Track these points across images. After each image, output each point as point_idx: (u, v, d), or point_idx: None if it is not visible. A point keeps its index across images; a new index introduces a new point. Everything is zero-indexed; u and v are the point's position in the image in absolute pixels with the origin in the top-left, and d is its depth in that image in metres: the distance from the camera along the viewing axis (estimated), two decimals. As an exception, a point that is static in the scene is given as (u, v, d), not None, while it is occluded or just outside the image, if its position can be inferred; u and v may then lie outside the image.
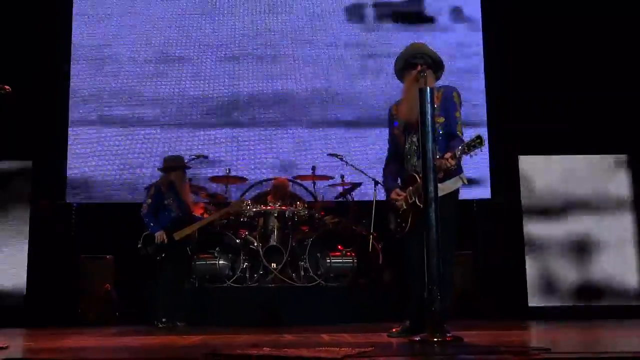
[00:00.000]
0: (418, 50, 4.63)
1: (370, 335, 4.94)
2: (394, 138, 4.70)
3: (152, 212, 6.70)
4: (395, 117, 4.69)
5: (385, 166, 4.77)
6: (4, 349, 4.15)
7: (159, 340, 4.80)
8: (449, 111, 4.57)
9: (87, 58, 9.08)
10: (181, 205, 6.82)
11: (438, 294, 4.03)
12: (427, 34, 8.94)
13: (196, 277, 7.11)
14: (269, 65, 9.10)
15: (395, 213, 4.65)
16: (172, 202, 6.78)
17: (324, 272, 7.14)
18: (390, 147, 4.76)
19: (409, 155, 4.59)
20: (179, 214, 6.75)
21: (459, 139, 4.51)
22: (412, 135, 4.54)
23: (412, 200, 4.49)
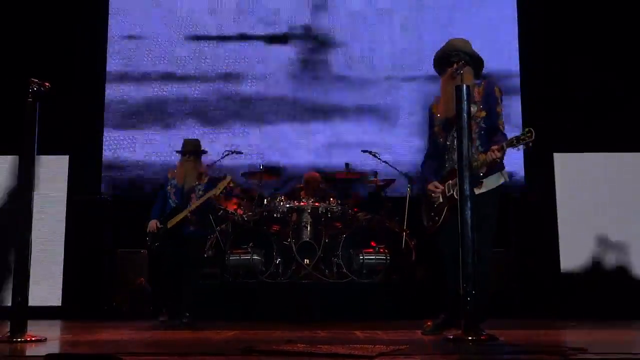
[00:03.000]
0: (454, 47, 4.62)
1: (403, 332, 4.93)
2: (434, 136, 4.71)
3: (160, 200, 6.61)
4: (435, 115, 4.70)
5: (424, 161, 4.80)
6: (41, 341, 4.23)
7: (193, 335, 4.85)
8: (491, 106, 4.58)
9: (123, 53, 9.17)
10: (178, 193, 6.55)
11: (473, 292, 4.02)
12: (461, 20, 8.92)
13: (230, 272, 7.14)
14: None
15: (430, 206, 4.66)
16: (171, 189, 6.60)
17: (356, 269, 7.13)
18: (430, 146, 4.77)
19: (450, 150, 4.58)
20: (177, 202, 6.51)
21: (501, 134, 4.53)
22: (453, 131, 4.51)
23: (450, 193, 4.50)
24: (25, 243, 4.41)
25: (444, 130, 4.62)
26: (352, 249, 7.20)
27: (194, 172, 6.56)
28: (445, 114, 4.55)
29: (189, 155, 6.62)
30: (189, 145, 6.68)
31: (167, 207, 6.54)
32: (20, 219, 4.43)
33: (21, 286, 4.35)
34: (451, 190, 4.49)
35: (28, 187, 4.48)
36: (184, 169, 6.59)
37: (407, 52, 9.06)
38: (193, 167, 6.57)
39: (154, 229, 6.43)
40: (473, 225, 4.10)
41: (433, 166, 4.70)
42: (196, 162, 6.61)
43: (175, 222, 6.37)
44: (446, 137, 4.61)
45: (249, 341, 4.03)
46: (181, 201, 6.47)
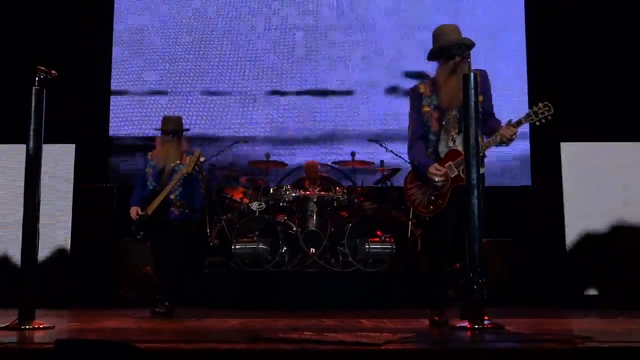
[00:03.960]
0: (457, 41, 4.48)
1: (409, 321, 4.95)
2: (423, 115, 4.54)
3: (139, 185, 6.09)
4: (425, 96, 4.54)
5: (412, 144, 4.59)
6: (50, 329, 4.24)
7: (200, 323, 4.86)
8: (486, 91, 4.56)
9: (129, 43, 9.16)
10: (156, 175, 5.99)
11: (480, 280, 4.03)
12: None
13: (236, 260, 7.15)
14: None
15: (428, 189, 4.51)
16: (149, 172, 6.05)
17: (362, 258, 7.14)
18: (416, 127, 4.57)
19: (446, 131, 4.49)
20: (154, 185, 5.97)
21: (495, 119, 4.55)
22: (449, 111, 4.46)
23: (454, 174, 4.41)
24: (32, 232, 4.41)
25: (436, 110, 4.50)
26: (358, 238, 7.20)
27: (176, 152, 5.99)
28: (450, 106, 4.47)
29: (171, 135, 6.04)
30: (170, 124, 6.09)
31: (146, 191, 6.02)
32: (28, 208, 4.44)
33: (29, 274, 4.36)
34: (455, 171, 4.41)
35: (35, 175, 4.49)
36: (165, 149, 6.03)
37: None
38: (175, 147, 6.01)
39: (135, 217, 5.93)
40: (481, 214, 4.10)
41: (423, 148, 4.53)
42: (179, 142, 6.05)
43: (155, 207, 5.82)
44: (439, 120, 4.50)
45: (256, 329, 4.04)
46: (159, 184, 5.95)
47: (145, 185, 6.05)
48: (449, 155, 4.46)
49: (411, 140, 4.60)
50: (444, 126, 4.50)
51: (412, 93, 4.65)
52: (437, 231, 4.62)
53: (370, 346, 3.05)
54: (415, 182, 4.61)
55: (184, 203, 5.90)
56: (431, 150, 4.54)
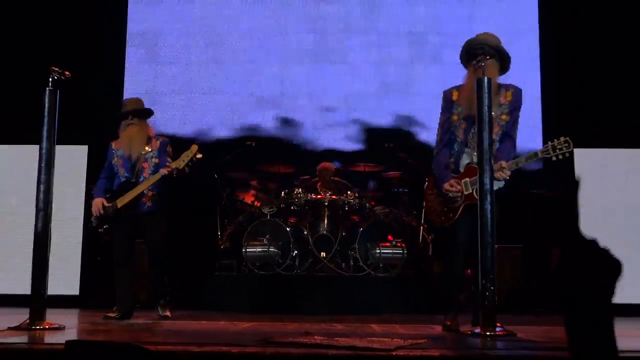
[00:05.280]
0: (479, 40, 4.51)
1: (420, 326, 4.92)
2: (452, 124, 4.55)
3: (105, 175, 5.68)
4: (456, 103, 4.55)
5: (437, 152, 4.60)
6: (60, 329, 4.25)
7: (210, 326, 4.85)
8: (514, 110, 4.52)
9: (142, 45, 9.18)
10: (127, 164, 5.56)
11: (491, 287, 4.00)
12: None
13: (246, 264, 7.14)
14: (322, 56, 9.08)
15: (443, 201, 4.53)
16: (118, 162, 5.61)
17: (373, 262, 7.11)
18: (444, 133, 4.58)
19: (469, 144, 4.49)
20: (127, 176, 5.54)
21: (510, 143, 4.50)
22: (475, 126, 4.41)
23: (469, 191, 4.42)
24: (44, 232, 4.42)
25: (464, 120, 4.50)
26: (369, 243, 7.17)
27: (140, 136, 5.59)
28: (469, 110, 4.44)
29: (131, 116, 5.61)
30: (130, 104, 5.72)
31: (116, 182, 5.62)
32: (40, 209, 4.45)
33: (40, 275, 4.37)
34: (470, 189, 4.41)
35: (48, 176, 4.50)
36: (127, 134, 5.60)
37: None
38: (138, 130, 5.60)
39: (100, 209, 5.49)
40: (493, 220, 4.08)
41: (446, 158, 4.54)
42: (141, 125, 5.64)
43: (127, 200, 5.45)
44: (466, 131, 4.50)
45: (266, 333, 4.03)
46: (132, 174, 5.54)
47: (111, 176, 5.66)
48: (467, 171, 4.46)
49: (436, 147, 4.63)
50: (469, 138, 4.49)
51: (444, 97, 4.63)
52: (450, 238, 4.62)
53: (382, 351, 3.03)
54: (434, 190, 4.64)
55: (156, 193, 5.55)
56: (452, 160, 4.55)
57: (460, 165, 4.53)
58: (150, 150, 5.57)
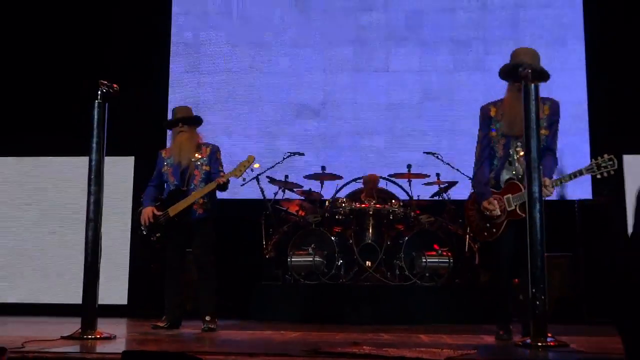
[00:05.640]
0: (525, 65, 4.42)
1: (468, 336, 4.87)
2: (491, 140, 4.57)
3: (154, 184, 5.68)
4: (494, 119, 4.56)
5: (477, 169, 4.62)
6: (110, 339, 4.30)
7: (258, 336, 4.86)
8: (553, 124, 4.54)
9: (185, 55, 9.27)
10: (177, 172, 5.55)
11: (542, 297, 3.94)
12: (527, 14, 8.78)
13: (291, 273, 7.16)
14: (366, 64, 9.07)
15: (484, 217, 4.53)
16: (167, 170, 5.60)
17: (419, 271, 7.07)
18: (483, 149, 4.60)
19: (509, 160, 4.51)
20: (177, 184, 5.53)
21: (551, 157, 4.52)
22: (515, 141, 4.46)
23: (511, 207, 4.43)
24: (94, 242, 4.48)
25: (503, 137, 4.52)
26: (414, 252, 7.14)
27: (190, 143, 5.59)
28: (510, 130, 4.46)
29: (180, 124, 5.64)
30: (179, 112, 5.73)
31: (166, 189, 5.64)
32: (90, 219, 4.51)
33: (91, 284, 4.43)
34: (512, 205, 4.41)
35: (98, 187, 4.56)
36: (177, 142, 5.61)
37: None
38: (188, 138, 5.61)
39: (150, 218, 5.49)
40: (543, 229, 4.02)
41: (486, 175, 4.56)
42: (191, 132, 5.65)
43: (179, 210, 5.44)
44: (505, 146, 4.51)
45: (313, 343, 4.02)
46: (182, 181, 5.51)
47: (160, 184, 5.67)
48: (509, 187, 4.48)
49: (476, 163, 4.64)
50: (509, 154, 4.50)
51: (482, 113, 4.65)
52: (494, 252, 4.64)
53: (433, 362, 3.01)
54: (475, 206, 4.64)
55: (207, 201, 5.54)
56: (493, 175, 4.56)
57: (501, 181, 4.54)
58: (201, 157, 5.57)
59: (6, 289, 7.89)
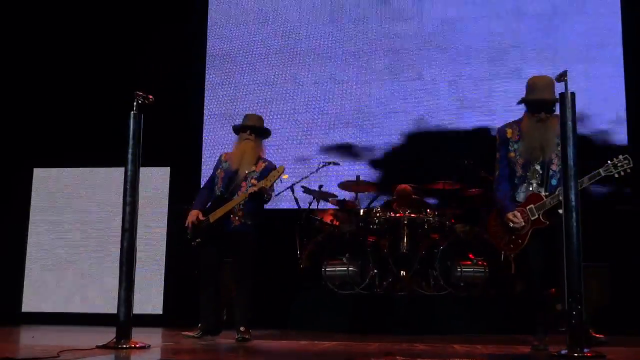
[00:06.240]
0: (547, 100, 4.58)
1: (502, 347, 4.83)
2: (509, 160, 4.71)
3: (208, 186, 5.64)
4: (511, 141, 4.71)
5: (498, 185, 4.75)
6: (145, 348, 4.33)
7: (291, 345, 4.86)
8: None
9: (221, 66, 9.34)
10: (226, 178, 5.50)
11: (579, 307, 3.89)
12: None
13: (326, 283, 7.15)
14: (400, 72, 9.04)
15: (509, 229, 4.61)
16: (220, 174, 5.57)
17: (454, 281, 7.01)
18: (502, 169, 4.75)
19: (529, 180, 4.64)
20: (221, 191, 5.48)
21: None
22: (534, 164, 4.62)
23: (535, 217, 4.52)
24: (130, 252, 4.52)
25: (522, 157, 4.65)
26: (449, 261, 7.08)
27: (252, 154, 5.52)
28: (531, 157, 4.61)
29: (249, 131, 5.58)
30: (250, 120, 5.67)
31: (213, 195, 5.56)
32: (126, 229, 4.56)
33: (126, 294, 4.46)
34: (536, 214, 4.52)
35: (133, 197, 4.61)
36: (241, 149, 5.55)
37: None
38: (252, 147, 5.54)
39: (194, 222, 5.44)
40: (579, 238, 3.97)
41: (508, 191, 4.68)
42: (257, 143, 5.58)
43: (219, 216, 5.38)
44: (524, 167, 4.65)
45: (347, 353, 4.01)
46: (227, 190, 5.47)
47: (213, 188, 5.59)
48: (530, 198, 4.59)
49: (497, 181, 4.78)
50: (528, 176, 4.64)
51: (499, 135, 4.82)
52: (524, 263, 4.72)
53: (466, 373, 2.97)
54: (497, 220, 4.74)
55: (245, 214, 5.45)
56: (512, 193, 4.68)
57: (518, 200, 4.65)
58: (254, 170, 5.48)
59: (42, 298, 8.01)
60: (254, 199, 5.40)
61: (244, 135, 5.60)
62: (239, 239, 5.44)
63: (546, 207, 4.46)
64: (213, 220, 5.39)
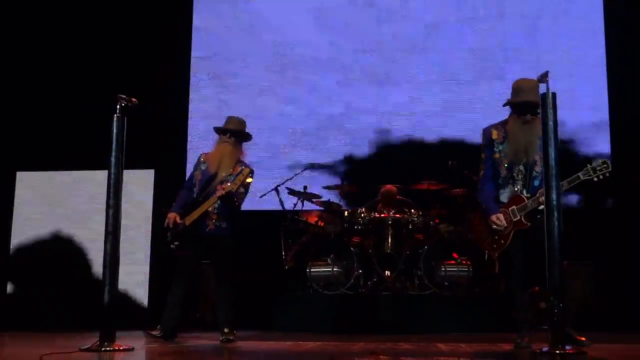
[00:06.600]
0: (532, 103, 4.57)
1: (487, 345, 4.85)
2: (494, 161, 4.77)
3: (187, 185, 5.61)
4: (496, 142, 4.76)
5: (483, 185, 4.82)
6: (129, 351, 4.32)
7: (275, 347, 4.87)
8: None
9: (207, 70, 9.33)
10: (203, 180, 5.47)
11: (560, 304, 3.92)
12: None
13: (311, 283, 7.16)
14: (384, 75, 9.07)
15: (492, 230, 4.68)
16: (198, 176, 5.55)
17: (438, 281, 7.06)
18: (487, 169, 4.81)
19: (512, 180, 4.70)
20: (197, 193, 5.46)
21: None
22: (518, 165, 4.68)
23: (517, 218, 4.61)
24: (113, 255, 4.50)
25: (506, 158, 4.71)
26: (433, 261, 7.13)
27: (232, 157, 5.50)
28: (515, 159, 4.67)
29: (229, 134, 5.55)
30: (232, 123, 5.61)
31: (190, 197, 5.52)
32: (109, 232, 4.54)
33: (109, 296, 4.45)
34: (518, 215, 4.60)
35: (116, 200, 4.59)
36: (219, 152, 5.53)
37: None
38: (231, 151, 5.52)
39: (170, 224, 5.41)
40: (561, 237, 4.01)
41: (492, 192, 4.75)
42: (235, 146, 5.55)
43: (192, 220, 5.35)
44: (508, 168, 4.71)
45: (331, 353, 4.02)
46: (202, 192, 5.43)
47: (192, 188, 5.55)
48: (513, 200, 4.67)
49: (481, 182, 4.85)
50: (512, 177, 4.71)
51: (484, 136, 4.87)
52: (506, 263, 4.77)
53: (448, 371, 3.00)
54: (482, 220, 4.82)
55: (220, 217, 5.41)
56: (496, 193, 4.75)
57: (502, 200, 4.72)
58: (231, 174, 5.41)
59: (25, 302, 7.97)
60: (226, 203, 5.34)
61: (223, 138, 5.58)
62: (214, 242, 5.41)
63: (527, 209, 4.55)
64: (189, 224, 5.37)
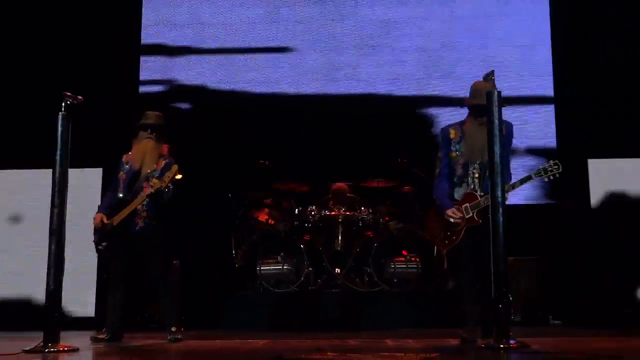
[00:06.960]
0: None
1: (434, 341, 4.91)
2: (450, 159, 4.86)
3: (112, 189, 5.44)
4: (454, 141, 4.84)
5: (437, 183, 4.90)
6: (74, 351, 4.26)
7: (224, 345, 4.85)
8: (506, 146, 4.74)
9: (155, 68, 9.23)
10: (128, 179, 5.32)
11: (505, 299, 3.99)
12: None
13: (261, 282, 7.15)
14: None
15: (445, 226, 4.78)
16: (122, 176, 5.39)
17: (388, 278, 7.11)
18: (443, 167, 4.90)
19: (468, 179, 4.80)
20: (125, 194, 5.28)
21: (508, 176, 4.76)
22: (473, 164, 4.78)
23: (469, 215, 4.70)
24: (58, 255, 4.44)
25: (463, 158, 4.80)
26: (383, 258, 7.17)
27: (154, 153, 5.35)
28: (470, 157, 4.76)
29: (150, 130, 5.41)
30: (150, 118, 5.47)
31: (115, 198, 5.35)
32: (53, 232, 4.47)
33: (53, 297, 4.39)
34: (470, 212, 4.69)
35: (61, 200, 4.52)
36: (141, 148, 5.38)
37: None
38: (154, 147, 5.37)
39: (98, 225, 5.27)
40: (505, 234, 4.07)
41: (447, 189, 4.84)
42: (158, 141, 5.40)
43: (121, 219, 5.19)
44: (464, 167, 4.80)
45: (279, 351, 4.02)
46: (129, 191, 5.27)
47: (116, 191, 5.37)
48: (466, 197, 4.77)
49: (437, 179, 4.93)
50: (467, 175, 4.81)
51: (442, 135, 4.97)
52: (456, 259, 4.89)
53: (393, 366, 3.02)
54: (435, 217, 4.91)
55: (150, 215, 5.26)
56: (450, 192, 4.85)
57: (459, 196, 4.82)
58: (156, 169, 5.27)
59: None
60: (154, 200, 5.19)
61: (144, 134, 5.41)
62: (144, 240, 5.24)
63: (480, 207, 4.64)
64: (117, 223, 5.20)
